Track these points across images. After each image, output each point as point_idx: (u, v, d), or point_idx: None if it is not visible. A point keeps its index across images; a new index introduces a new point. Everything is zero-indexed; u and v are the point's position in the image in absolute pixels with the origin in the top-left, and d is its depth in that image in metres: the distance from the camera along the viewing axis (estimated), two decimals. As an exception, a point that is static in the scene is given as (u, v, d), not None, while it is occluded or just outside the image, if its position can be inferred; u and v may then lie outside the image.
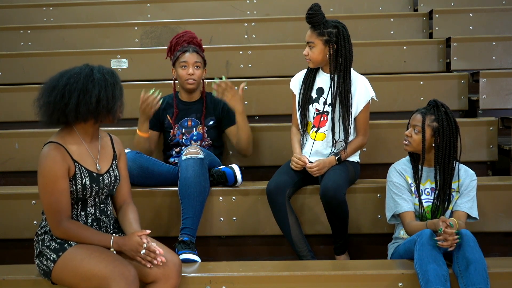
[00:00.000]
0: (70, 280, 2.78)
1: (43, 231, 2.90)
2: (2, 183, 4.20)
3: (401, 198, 3.25)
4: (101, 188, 2.89)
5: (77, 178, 2.82)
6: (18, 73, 5.02)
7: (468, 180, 3.27)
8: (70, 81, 2.77)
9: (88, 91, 2.75)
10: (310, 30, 3.54)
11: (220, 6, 5.85)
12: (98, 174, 2.88)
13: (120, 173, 3.01)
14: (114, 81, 2.83)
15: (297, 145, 3.64)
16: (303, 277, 3.06)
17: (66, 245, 2.81)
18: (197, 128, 3.84)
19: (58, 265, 2.78)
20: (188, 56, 3.80)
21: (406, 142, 3.29)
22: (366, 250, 3.69)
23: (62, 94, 2.76)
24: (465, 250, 2.90)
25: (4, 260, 3.70)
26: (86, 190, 2.84)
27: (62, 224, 2.79)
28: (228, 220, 3.65)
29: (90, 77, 2.78)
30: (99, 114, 2.80)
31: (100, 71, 2.82)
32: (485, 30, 5.24)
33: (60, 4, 6.01)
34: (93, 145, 2.92)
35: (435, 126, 3.21)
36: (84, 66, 2.83)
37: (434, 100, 3.27)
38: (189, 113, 3.86)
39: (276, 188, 3.42)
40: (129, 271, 2.69)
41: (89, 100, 2.75)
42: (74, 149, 2.84)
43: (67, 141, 2.84)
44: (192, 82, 3.80)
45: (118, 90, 2.84)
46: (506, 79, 4.43)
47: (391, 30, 5.39)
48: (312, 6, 3.50)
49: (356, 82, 3.58)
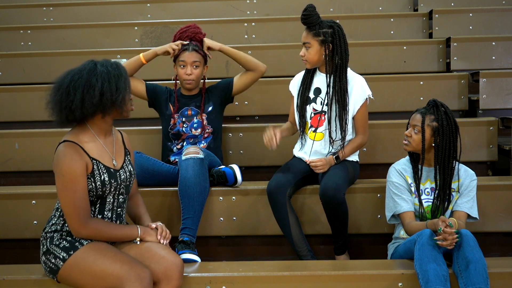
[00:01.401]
0: (79, 279, 2.77)
1: (53, 229, 2.87)
2: (2, 183, 4.20)
3: (400, 198, 3.25)
4: (119, 183, 2.89)
5: (96, 175, 2.81)
6: (18, 73, 5.02)
7: (468, 180, 3.27)
8: (75, 78, 2.77)
9: (92, 85, 2.75)
10: (306, 31, 3.55)
11: (220, 6, 5.85)
12: (115, 170, 2.88)
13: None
14: (118, 73, 2.82)
15: (283, 127, 3.66)
16: (303, 277, 3.06)
17: (78, 244, 2.80)
18: (197, 117, 3.84)
19: (68, 264, 2.77)
20: (187, 55, 3.80)
21: (406, 142, 3.29)
22: (366, 250, 3.69)
23: (68, 91, 2.76)
24: (465, 250, 2.90)
25: (4, 260, 3.70)
26: (106, 187, 2.83)
27: (88, 223, 2.77)
28: (228, 220, 3.65)
29: (93, 72, 2.78)
30: (104, 107, 2.79)
31: (104, 64, 2.82)
32: (485, 30, 5.24)
33: (60, 4, 6.01)
34: (108, 141, 2.92)
35: (435, 126, 3.22)
36: (88, 62, 2.84)
37: (434, 100, 3.27)
38: (189, 103, 3.87)
39: (277, 187, 3.43)
40: (145, 273, 2.70)
41: (92, 94, 2.75)
42: (89, 147, 2.83)
43: (81, 139, 2.83)
44: (190, 82, 3.81)
45: (122, 82, 2.82)
46: (506, 79, 4.43)
47: (391, 30, 5.39)
48: (307, 7, 3.50)
49: (353, 81, 3.59)
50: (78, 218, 2.76)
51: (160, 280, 2.80)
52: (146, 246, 2.87)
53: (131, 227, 2.91)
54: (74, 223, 2.78)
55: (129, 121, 4.26)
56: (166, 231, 2.97)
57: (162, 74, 4.65)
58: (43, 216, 3.49)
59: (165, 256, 2.82)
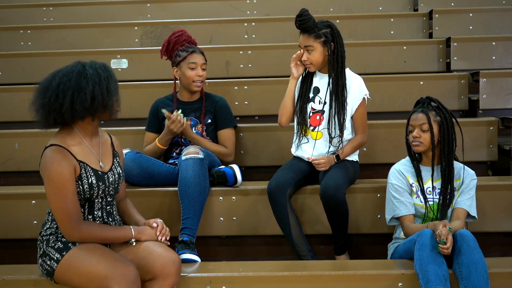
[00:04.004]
0: (72, 279, 2.77)
1: (48, 232, 2.86)
2: (2, 183, 4.20)
3: (399, 202, 3.25)
4: (107, 186, 2.87)
5: (83, 178, 2.79)
6: (18, 73, 5.02)
7: (468, 179, 3.27)
8: (63, 80, 2.72)
9: (82, 89, 2.71)
10: (305, 35, 3.53)
11: (220, 6, 5.85)
12: (102, 172, 2.86)
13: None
14: (108, 75, 2.77)
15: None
16: (303, 277, 3.06)
17: (70, 245, 2.80)
18: (196, 127, 3.84)
19: (62, 265, 2.77)
20: (197, 57, 3.80)
21: (417, 143, 3.25)
22: (366, 250, 3.69)
23: (56, 94, 2.71)
24: (465, 251, 2.89)
25: (4, 260, 3.69)
26: (93, 190, 2.82)
27: (80, 226, 2.76)
28: (228, 220, 3.65)
29: (83, 74, 2.73)
30: (95, 111, 2.76)
31: (93, 66, 2.77)
32: (485, 30, 5.25)
33: (60, 4, 6.02)
34: (94, 143, 2.89)
35: (439, 120, 3.24)
36: (76, 63, 2.78)
37: (426, 97, 3.30)
38: (188, 112, 3.85)
39: (277, 187, 3.43)
40: (130, 271, 2.68)
41: (84, 98, 2.70)
42: (76, 150, 2.80)
43: (68, 142, 2.80)
44: (200, 85, 3.81)
45: (113, 84, 2.78)
46: (506, 79, 4.43)
47: (391, 30, 5.39)
48: (301, 12, 3.49)
49: (351, 81, 3.59)
50: (69, 222, 2.74)
51: (157, 276, 2.79)
52: (143, 245, 2.86)
53: (124, 228, 2.88)
54: (66, 228, 2.76)
55: (126, 121, 4.27)
56: (166, 228, 2.95)
57: (162, 74, 4.65)
58: (43, 216, 3.47)
59: (162, 254, 2.81)
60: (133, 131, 4.12)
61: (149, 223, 2.95)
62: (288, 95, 3.68)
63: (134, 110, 4.37)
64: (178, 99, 3.90)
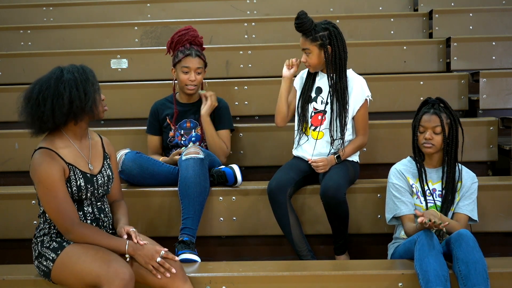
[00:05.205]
0: (68, 278, 2.77)
1: (42, 233, 2.87)
2: (2, 183, 4.20)
3: (400, 201, 3.25)
4: (96, 188, 2.87)
5: (72, 181, 2.80)
6: (18, 73, 5.01)
7: (469, 182, 3.27)
8: (43, 88, 2.74)
9: (60, 94, 2.72)
10: (303, 37, 3.56)
11: (220, 6, 5.84)
12: (91, 175, 2.86)
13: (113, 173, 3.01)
14: (85, 77, 2.78)
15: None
16: (303, 277, 3.06)
17: (65, 243, 2.80)
18: (196, 130, 3.84)
19: (57, 264, 2.77)
20: (191, 61, 3.75)
21: (429, 145, 3.23)
22: (366, 250, 3.69)
23: (38, 102, 2.74)
24: (465, 250, 2.89)
25: (4, 260, 3.69)
26: (82, 192, 2.82)
27: (75, 228, 2.76)
28: (228, 220, 3.65)
29: (60, 80, 2.74)
30: (75, 114, 2.76)
31: (70, 70, 2.78)
32: (485, 30, 5.24)
33: (60, 4, 6.01)
34: (83, 145, 2.90)
35: (449, 122, 3.23)
36: (55, 69, 2.80)
37: (437, 98, 3.28)
38: (188, 114, 3.85)
39: (277, 187, 3.43)
40: (124, 271, 2.67)
41: (62, 103, 2.72)
42: (65, 152, 2.81)
43: (56, 145, 2.81)
44: (192, 88, 3.79)
45: (90, 86, 2.78)
46: (506, 79, 4.43)
47: (391, 30, 5.39)
48: (299, 15, 3.50)
49: (353, 82, 3.60)
50: (63, 222, 2.75)
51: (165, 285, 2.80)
52: (139, 272, 2.82)
53: (119, 241, 2.82)
54: (62, 229, 2.78)
55: (122, 121, 4.27)
56: (139, 239, 2.84)
57: (162, 74, 4.65)
58: (43, 216, 3.49)
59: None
60: (133, 131, 4.12)
61: (121, 232, 2.87)
62: (281, 96, 3.69)
63: (134, 110, 4.37)
64: (178, 100, 3.89)
